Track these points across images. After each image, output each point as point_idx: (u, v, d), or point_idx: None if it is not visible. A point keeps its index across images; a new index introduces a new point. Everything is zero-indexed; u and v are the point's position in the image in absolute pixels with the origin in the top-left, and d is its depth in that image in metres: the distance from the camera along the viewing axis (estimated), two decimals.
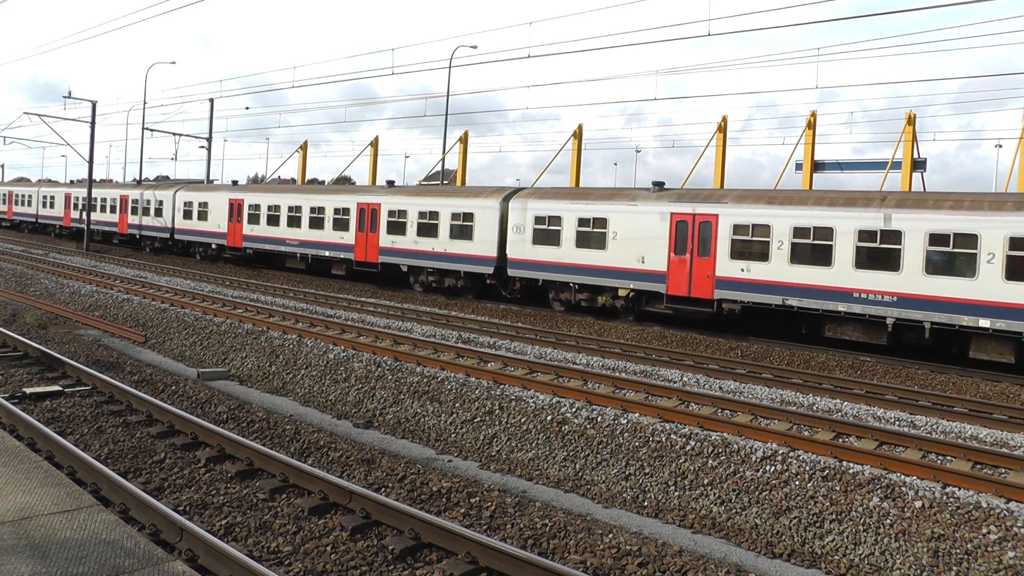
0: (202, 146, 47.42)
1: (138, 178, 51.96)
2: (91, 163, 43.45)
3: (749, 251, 19.73)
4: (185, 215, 38.62)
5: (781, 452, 9.60)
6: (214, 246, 37.12)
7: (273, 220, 33.21)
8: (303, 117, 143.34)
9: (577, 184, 31.18)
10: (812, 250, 18.77)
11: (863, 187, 31.19)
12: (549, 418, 11.21)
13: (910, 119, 25.16)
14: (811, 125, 27.12)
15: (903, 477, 8.86)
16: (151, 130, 48.00)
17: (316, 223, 31.08)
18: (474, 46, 61.82)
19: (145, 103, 50.50)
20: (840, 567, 7.92)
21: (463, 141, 35.30)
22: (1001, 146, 56.60)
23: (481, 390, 12.40)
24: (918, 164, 25.55)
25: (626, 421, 10.79)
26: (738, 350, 18.81)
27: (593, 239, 22.63)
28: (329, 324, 17.74)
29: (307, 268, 32.78)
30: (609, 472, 10.03)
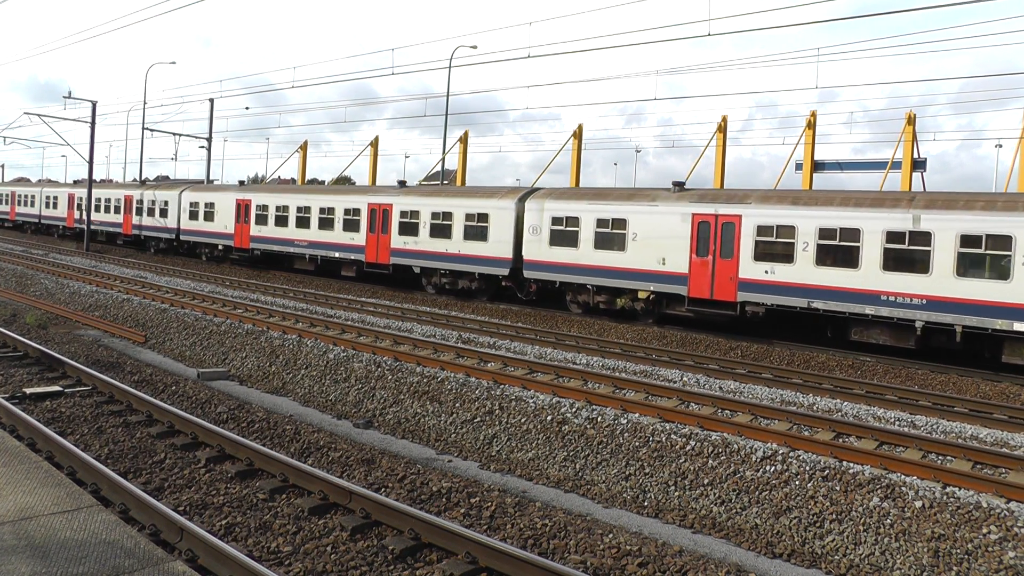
0: (202, 146, 47.48)
1: (138, 178, 51.93)
2: (91, 163, 43.49)
3: (773, 253, 19.40)
4: (191, 216, 38.42)
5: (781, 452, 9.60)
6: (221, 247, 36.84)
7: (281, 221, 32.94)
8: (303, 117, 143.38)
9: (577, 184, 31.16)
10: (838, 251, 18.43)
11: (863, 187, 31.23)
12: (549, 418, 11.21)
13: (910, 119, 25.17)
14: (811, 125, 27.13)
15: (903, 477, 8.86)
16: (151, 130, 48.04)
17: (326, 224, 30.78)
18: (474, 46, 61.90)
19: (145, 103, 50.55)
20: (840, 567, 7.92)
21: (463, 141, 35.31)
22: (1001, 146, 56.65)
23: (481, 390, 12.40)
24: (918, 164, 25.55)
25: (626, 421, 10.79)
26: (738, 350, 18.80)
27: (612, 240, 22.32)
28: (329, 324, 17.74)
29: (316, 270, 32.51)
30: (609, 472, 10.03)
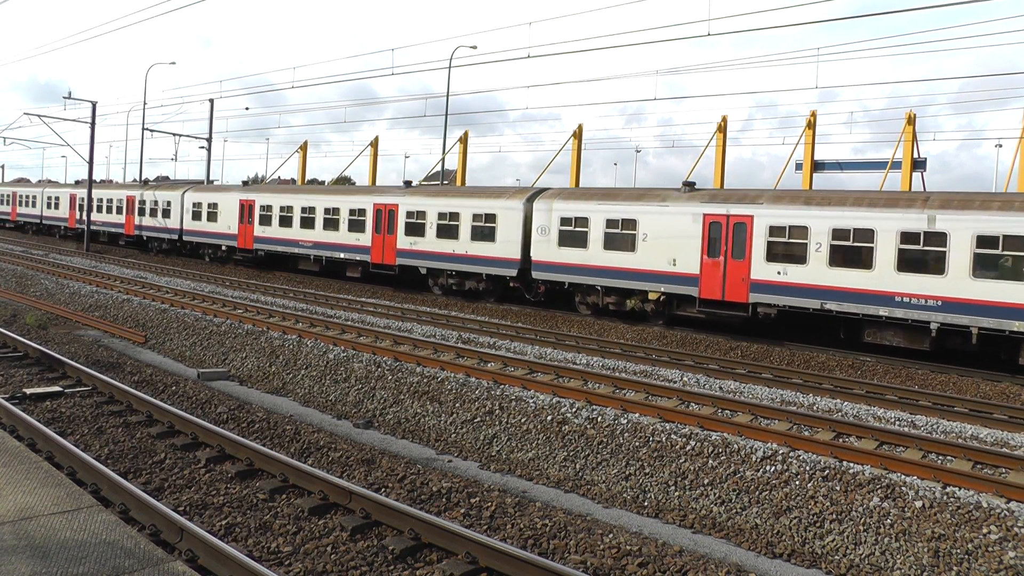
0: (202, 146, 47.49)
1: (138, 178, 51.88)
2: (91, 163, 43.50)
3: (786, 253, 19.23)
4: (194, 216, 38.24)
5: (781, 452, 9.60)
6: (224, 248, 36.61)
7: (286, 221, 32.74)
8: (303, 117, 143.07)
9: (578, 184, 31.14)
10: (852, 252, 18.25)
11: (863, 187, 31.22)
12: (549, 418, 11.21)
13: (910, 119, 25.15)
14: (811, 125, 27.11)
15: (903, 477, 8.86)
16: (151, 130, 48.03)
17: (331, 224, 30.62)
18: (474, 46, 61.79)
19: (145, 103, 50.60)
20: (840, 567, 7.92)
21: (463, 141, 35.29)
22: (1001, 146, 56.70)
23: (481, 390, 12.40)
24: (918, 164, 25.53)
25: (626, 421, 10.79)
26: (738, 350, 18.80)
27: (622, 241, 22.13)
28: (329, 324, 17.74)
29: (321, 270, 32.36)
30: (609, 472, 10.03)
